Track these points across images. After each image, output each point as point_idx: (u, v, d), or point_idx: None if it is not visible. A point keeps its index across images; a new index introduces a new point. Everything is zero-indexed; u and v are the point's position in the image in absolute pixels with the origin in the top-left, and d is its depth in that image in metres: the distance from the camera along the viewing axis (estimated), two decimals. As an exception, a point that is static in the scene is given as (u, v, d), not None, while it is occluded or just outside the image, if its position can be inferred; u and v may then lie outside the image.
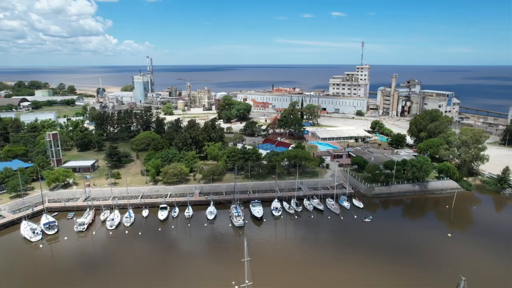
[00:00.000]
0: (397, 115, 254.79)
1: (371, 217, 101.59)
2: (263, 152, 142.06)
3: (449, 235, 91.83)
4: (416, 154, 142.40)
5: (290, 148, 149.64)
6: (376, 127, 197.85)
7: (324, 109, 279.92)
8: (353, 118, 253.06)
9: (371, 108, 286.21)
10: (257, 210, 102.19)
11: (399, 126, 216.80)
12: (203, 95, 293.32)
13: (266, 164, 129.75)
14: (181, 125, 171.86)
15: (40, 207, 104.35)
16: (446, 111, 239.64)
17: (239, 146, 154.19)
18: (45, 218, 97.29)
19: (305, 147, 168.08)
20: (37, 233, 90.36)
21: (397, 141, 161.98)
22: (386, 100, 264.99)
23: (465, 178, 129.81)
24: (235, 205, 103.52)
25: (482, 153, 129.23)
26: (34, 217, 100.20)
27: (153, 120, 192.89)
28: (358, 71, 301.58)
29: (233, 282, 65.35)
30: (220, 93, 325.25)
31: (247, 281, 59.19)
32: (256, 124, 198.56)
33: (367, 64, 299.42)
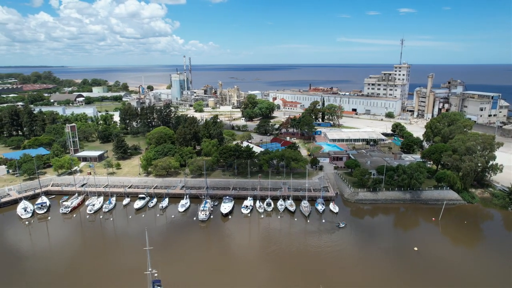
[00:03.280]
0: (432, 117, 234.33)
1: (345, 222, 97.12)
2: (257, 151, 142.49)
3: (416, 248, 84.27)
4: (421, 160, 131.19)
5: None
6: (397, 130, 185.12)
7: (355, 109, 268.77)
8: (381, 120, 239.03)
9: (408, 110, 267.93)
10: (225, 207, 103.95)
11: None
12: (233, 93, 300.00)
13: (252, 162, 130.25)
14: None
15: (43, 189, 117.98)
16: (490, 115, 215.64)
17: (245, 143, 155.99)
18: (40, 199, 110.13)
19: (310, 147, 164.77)
20: (27, 211, 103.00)
21: (408, 145, 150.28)
22: (421, 101, 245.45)
23: (473, 189, 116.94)
24: (205, 200, 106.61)
25: (495, 162, 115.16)
26: (33, 198, 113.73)
27: (172, 116, 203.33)
28: (396, 71, 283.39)
29: (155, 271, 68.38)
30: (253, 91, 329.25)
31: (150, 269, 61.91)
32: (269, 123, 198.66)
33: (406, 63, 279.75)
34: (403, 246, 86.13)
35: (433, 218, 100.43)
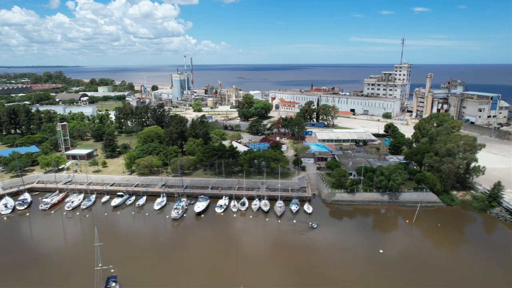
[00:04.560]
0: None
1: (317, 223, 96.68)
2: (241, 150, 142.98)
3: (381, 251, 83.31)
4: (404, 161, 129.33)
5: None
6: (389, 131, 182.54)
7: (353, 110, 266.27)
8: (378, 120, 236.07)
9: (408, 110, 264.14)
10: (199, 206, 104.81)
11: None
12: (231, 93, 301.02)
13: (235, 161, 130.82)
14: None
15: (27, 186, 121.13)
16: (489, 116, 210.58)
17: (234, 143, 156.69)
18: (22, 196, 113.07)
19: (297, 147, 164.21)
20: (8, 207, 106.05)
21: (395, 146, 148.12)
22: (420, 102, 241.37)
23: (455, 192, 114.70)
24: (180, 199, 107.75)
25: (477, 164, 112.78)
26: (17, 194, 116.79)
27: (165, 115, 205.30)
28: (396, 71, 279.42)
29: (111, 267, 69.64)
30: (254, 91, 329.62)
31: (100, 265, 63.01)
32: (261, 122, 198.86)
33: (407, 63, 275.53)
34: (369, 248, 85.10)
35: (407, 221, 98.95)
